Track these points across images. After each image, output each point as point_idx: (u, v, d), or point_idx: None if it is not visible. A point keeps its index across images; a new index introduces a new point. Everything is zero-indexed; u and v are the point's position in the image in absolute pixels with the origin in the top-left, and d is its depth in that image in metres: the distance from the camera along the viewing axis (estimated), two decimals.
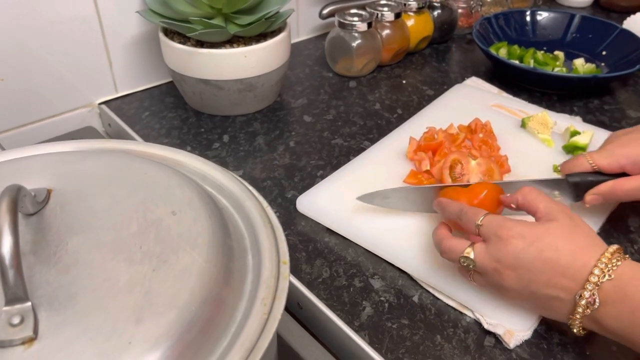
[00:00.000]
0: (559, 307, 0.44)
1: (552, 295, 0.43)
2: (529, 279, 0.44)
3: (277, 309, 0.33)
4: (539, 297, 0.44)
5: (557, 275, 0.43)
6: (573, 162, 0.57)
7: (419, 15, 0.95)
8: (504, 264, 0.44)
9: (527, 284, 0.44)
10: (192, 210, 0.37)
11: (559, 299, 0.43)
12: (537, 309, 0.47)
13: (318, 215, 0.59)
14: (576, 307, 0.42)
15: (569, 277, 0.42)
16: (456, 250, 0.47)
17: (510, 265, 0.44)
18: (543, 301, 0.44)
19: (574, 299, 0.42)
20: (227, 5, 0.71)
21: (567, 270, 0.42)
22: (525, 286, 0.44)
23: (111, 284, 0.31)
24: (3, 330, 0.28)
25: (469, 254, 0.46)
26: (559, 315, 0.44)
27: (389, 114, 0.80)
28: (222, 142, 0.73)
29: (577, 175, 0.55)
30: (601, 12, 1.21)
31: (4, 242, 0.29)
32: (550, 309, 0.45)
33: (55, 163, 0.41)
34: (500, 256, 0.44)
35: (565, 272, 0.42)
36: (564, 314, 0.44)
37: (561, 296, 0.43)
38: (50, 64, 0.73)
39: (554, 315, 0.45)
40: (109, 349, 0.28)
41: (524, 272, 0.44)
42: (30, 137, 0.75)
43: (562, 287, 0.43)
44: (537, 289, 0.44)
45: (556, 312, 0.44)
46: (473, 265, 0.46)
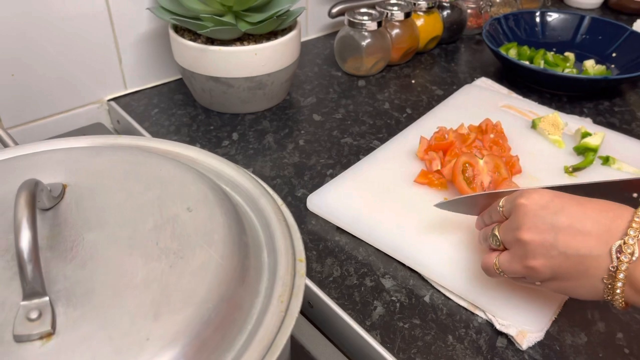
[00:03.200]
0: (593, 267, 0.39)
1: (584, 252, 0.39)
2: (554, 238, 0.40)
3: (294, 307, 0.33)
4: (570, 259, 0.40)
5: (586, 225, 0.39)
6: None
7: (429, 15, 0.95)
8: (525, 226, 0.42)
9: (554, 244, 0.40)
10: (207, 206, 0.37)
11: (592, 255, 0.39)
12: (571, 281, 0.41)
13: (328, 214, 0.59)
14: (613, 262, 0.38)
15: (601, 227, 0.39)
16: (488, 261, 0.46)
17: (531, 226, 0.41)
18: (575, 264, 0.40)
19: (609, 253, 0.38)
20: (238, 2, 0.70)
21: (598, 222, 0.39)
22: (552, 247, 0.40)
23: (128, 280, 0.31)
24: (21, 324, 0.28)
25: (495, 231, 0.45)
26: (595, 280, 0.39)
27: (399, 114, 0.79)
28: (232, 140, 0.73)
29: None
30: (610, 14, 1.21)
31: (23, 236, 0.29)
32: (585, 274, 0.40)
33: (70, 158, 0.41)
34: (519, 221, 0.42)
35: (596, 223, 0.39)
36: (599, 277, 0.39)
37: (595, 251, 0.39)
38: (60, 60, 0.73)
39: (589, 284, 0.40)
40: (126, 345, 0.28)
41: (547, 231, 0.41)
42: (39, 132, 0.75)
43: (595, 239, 0.39)
44: (566, 248, 0.40)
45: (591, 276, 0.39)
46: (498, 241, 0.45)
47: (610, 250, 0.38)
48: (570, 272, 0.40)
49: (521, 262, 0.43)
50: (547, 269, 0.41)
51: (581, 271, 0.40)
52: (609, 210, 0.40)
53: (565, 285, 0.42)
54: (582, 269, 0.40)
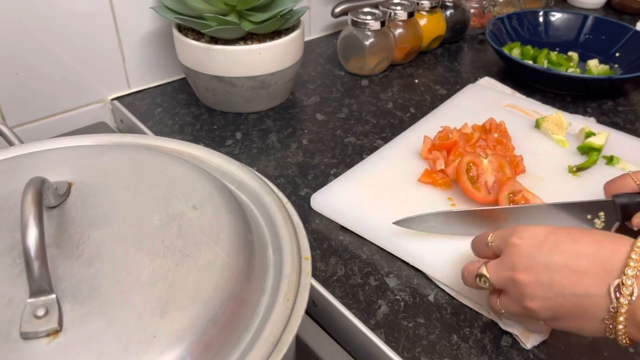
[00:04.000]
0: (592, 307, 0.38)
1: (580, 292, 0.38)
2: (550, 278, 0.39)
3: (300, 305, 0.33)
4: (568, 299, 0.39)
5: (581, 264, 0.39)
6: (619, 183, 0.52)
7: (432, 15, 0.95)
8: (519, 268, 0.41)
9: (550, 285, 0.39)
10: (212, 204, 0.37)
11: (590, 295, 0.38)
12: (572, 321, 0.40)
13: (332, 213, 0.59)
14: (612, 302, 0.37)
15: (597, 265, 0.38)
16: (472, 271, 0.45)
17: (526, 267, 0.40)
18: (573, 304, 0.39)
19: (607, 293, 0.37)
20: (242, 2, 0.70)
21: (594, 259, 0.38)
22: (548, 289, 0.40)
23: (135, 277, 0.31)
24: (28, 322, 0.28)
25: (482, 270, 0.44)
26: (596, 320, 0.38)
27: (402, 113, 0.79)
28: (235, 139, 0.73)
29: (625, 196, 0.51)
30: (613, 14, 1.21)
31: (30, 233, 0.29)
32: (584, 315, 0.39)
33: (75, 156, 0.41)
34: (513, 262, 0.41)
35: (592, 261, 0.38)
36: (599, 317, 0.38)
37: (592, 291, 0.38)
38: (63, 59, 0.73)
39: (590, 324, 0.39)
40: (133, 342, 0.28)
41: (542, 272, 0.40)
42: (43, 131, 0.75)
43: (592, 278, 0.38)
44: (562, 289, 0.39)
45: (591, 317, 0.38)
46: (488, 282, 0.43)
47: (609, 290, 0.37)
48: (569, 312, 0.40)
49: (519, 304, 0.42)
50: (546, 310, 0.40)
51: (580, 312, 0.39)
52: (605, 245, 0.39)
53: (568, 325, 0.41)
54: (581, 309, 0.39)
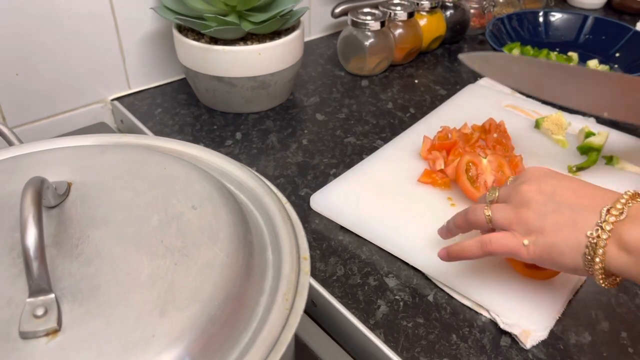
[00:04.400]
0: (581, 221, 0.41)
1: (576, 206, 0.42)
2: (553, 191, 0.43)
3: (299, 305, 0.33)
4: (562, 212, 0.42)
5: (584, 190, 0.43)
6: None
7: (432, 15, 0.95)
8: (529, 181, 0.45)
9: (551, 195, 0.43)
10: (212, 204, 0.37)
11: (583, 210, 0.41)
12: (556, 235, 0.42)
13: (332, 213, 0.59)
14: (601, 217, 0.40)
15: (596, 194, 0.42)
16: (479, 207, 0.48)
17: (534, 181, 0.45)
18: (565, 217, 0.42)
19: (599, 212, 0.40)
20: (242, 2, 0.71)
21: (594, 190, 0.43)
22: (548, 198, 0.43)
23: (134, 277, 0.31)
24: (27, 321, 0.28)
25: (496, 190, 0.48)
26: (580, 235, 0.41)
27: (402, 113, 0.79)
28: (235, 140, 0.73)
29: None
30: (613, 14, 1.20)
31: (29, 233, 0.29)
32: (572, 227, 0.41)
33: (75, 156, 0.41)
34: (524, 179, 0.46)
35: (592, 190, 0.43)
36: (584, 231, 0.41)
37: (586, 208, 0.41)
38: (63, 59, 0.73)
39: (574, 238, 0.41)
40: (132, 342, 0.28)
41: (547, 185, 0.44)
42: (43, 132, 0.75)
43: (589, 199, 0.42)
44: (561, 201, 0.42)
45: (578, 230, 0.41)
46: (493, 194, 0.47)
47: (601, 210, 0.41)
48: (558, 224, 0.42)
49: (514, 209, 0.45)
50: (539, 217, 0.43)
51: (569, 223, 0.42)
52: (606, 189, 0.43)
53: (549, 240, 0.42)
54: (571, 221, 0.42)
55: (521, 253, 0.44)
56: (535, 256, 0.43)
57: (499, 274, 0.51)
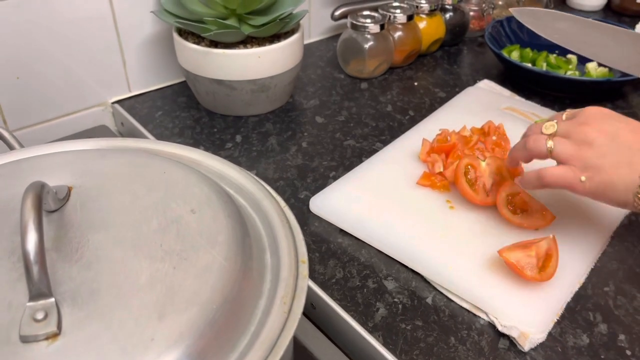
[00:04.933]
0: (636, 162, 0.45)
1: (636, 146, 0.45)
2: (614, 132, 0.47)
3: (297, 308, 0.33)
4: (621, 150, 0.46)
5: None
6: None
7: (431, 18, 0.95)
8: (591, 120, 0.48)
9: (613, 135, 0.46)
10: (211, 208, 0.37)
11: (636, 161, 0.45)
12: (612, 171, 0.46)
13: (331, 216, 0.60)
14: None
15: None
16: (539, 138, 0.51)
17: (596, 121, 0.48)
18: (623, 155, 0.45)
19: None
20: (242, 6, 0.71)
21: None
22: (610, 137, 0.46)
23: (133, 281, 0.32)
24: (27, 325, 0.29)
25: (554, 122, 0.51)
26: (634, 174, 0.45)
27: (401, 116, 0.80)
28: (235, 142, 0.73)
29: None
30: (612, 16, 1.21)
31: (29, 238, 0.29)
32: (628, 165, 0.45)
33: (75, 161, 0.41)
34: (586, 118, 0.49)
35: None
36: (633, 179, 0.45)
37: (639, 158, 0.45)
38: (64, 62, 0.74)
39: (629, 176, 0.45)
40: (132, 345, 0.28)
41: (609, 127, 0.47)
42: (44, 135, 0.75)
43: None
44: (621, 140, 0.46)
45: (633, 170, 0.45)
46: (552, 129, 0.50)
47: None
48: (616, 163, 0.46)
49: (577, 145, 0.48)
50: (599, 155, 0.46)
51: (626, 163, 0.45)
52: None
53: (605, 178, 0.46)
54: (627, 161, 0.45)
55: (577, 187, 0.48)
56: (589, 192, 0.47)
57: (497, 277, 0.51)
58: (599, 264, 0.55)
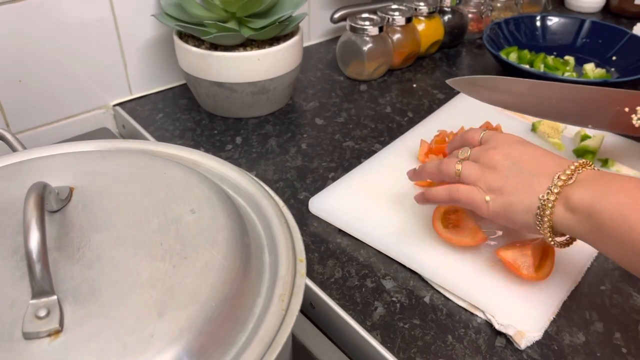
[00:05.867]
0: (536, 185, 0.46)
1: (535, 173, 0.47)
2: (519, 157, 0.48)
3: (295, 305, 0.33)
4: (522, 176, 0.47)
5: (546, 158, 0.48)
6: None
7: (430, 20, 0.96)
8: (499, 145, 0.50)
9: (517, 160, 0.48)
10: (210, 208, 0.38)
11: (540, 176, 0.46)
12: (513, 195, 0.47)
13: (330, 216, 0.60)
14: (553, 181, 0.45)
15: (555, 162, 0.47)
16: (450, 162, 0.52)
17: (503, 146, 0.50)
18: (523, 180, 0.47)
19: (552, 178, 0.45)
20: (241, 9, 0.72)
21: (554, 159, 0.48)
22: (513, 163, 0.48)
23: (134, 279, 0.32)
24: (30, 322, 0.29)
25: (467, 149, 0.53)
26: (533, 196, 0.46)
27: (400, 117, 0.80)
28: (235, 144, 0.74)
29: None
30: (611, 18, 1.21)
31: (32, 237, 0.30)
32: (527, 190, 0.47)
33: (77, 162, 0.42)
34: (495, 143, 0.51)
35: (553, 159, 0.48)
36: (537, 194, 0.46)
37: (542, 175, 0.46)
38: (66, 66, 0.74)
39: (528, 199, 0.46)
40: (132, 342, 0.29)
41: (514, 152, 0.49)
42: (46, 137, 0.76)
43: (548, 167, 0.47)
44: (523, 167, 0.48)
45: (532, 192, 0.46)
46: (465, 153, 0.52)
47: (553, 176, 0.46)
48: (517, 186, 0.47)
49: (482, 169, 0.50)
50: (502, 178, 0.48)
51: (526, 187, 0.47)
52: (566, 159, 0.48)
53: (507, 199, 0.48)
54: (527, 185, 0.47)
55: (482, 207, 0.49)
56: (492, 212, 0.49)
57: (494, 276, 0.52)
58: (595, 263, 0.55)
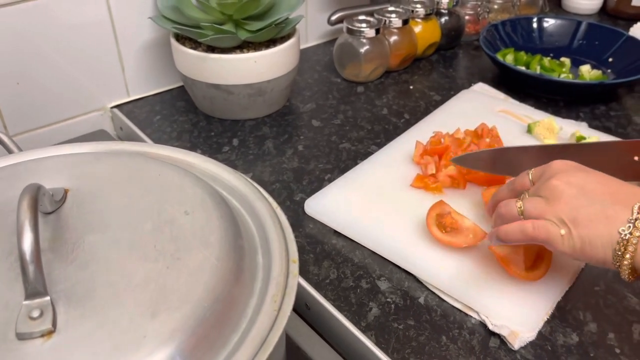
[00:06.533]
0: (613, 216, 0.42)
1: (607, 202, 0.43)
2: (583, 185, 0.44)
3: (287, 306, 0.34)
4: (594, 206, 0.43)
5: (612, 185, 0.44)
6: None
7: (427, 22, 0.96)
8: (559, 175, 0.46)
9: (582, 189, 0.44)
10: (204, 210, 0.38)
11: (616, 206, 0.42)
12: (589, 228, 0.43)
13: (326, 217, 0.60)
14: (633, 215, 0.41)
15: (626, 190, 0.43)
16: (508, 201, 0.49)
17: (564, 175, 0.46)
18: (596, 210, 0.43)
19: (630, 208, 0.42)
20: (238, 11, 0.72)
21: (624, 185, 0.44)
22: (579, 191, 0.44)
23: (127, 280, 0.32)
24: (23, 323, 0.29)
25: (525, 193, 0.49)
26: (612, 229, 0.42)
27: (396, 119, 0.81)
28: (232, 146, 0.74)
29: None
30: (608, 19, 1.22)
31: (25, 238, 0.30)
32: (604, 221, 0.42)
33: (72, 164, 0.42)
34: (554, 172, 0.47)
35: (622, 185, 0.44)
36: (616, 227, 0.42)
37: (617, 205, 0.42)
38: (64, 68, 0.75)
39: (606, 232, 0.42)
40: (125, 342, 0.29)
41: (577, 181, 0.45)
42: (44, 139, 0.76)
43: (620, 194, 0.43)
44: (592, 194, 0.44)
45: (609, 225, 0.42)
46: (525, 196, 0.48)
47: (633, 207, 0.42)
48: (591, 218, 0.43)
49: (547, 201, 0.45)
50: (571, 209, 0.44)
51: (601, 219, 0.42)
52: (634, 186, 0.45)
53: (583, 233, 0.43)
54: (603, 216, 0.42)
55: (557, 242, 0.44)
56: (569, 247, 0.44)
57: (489, 277, 0.52)
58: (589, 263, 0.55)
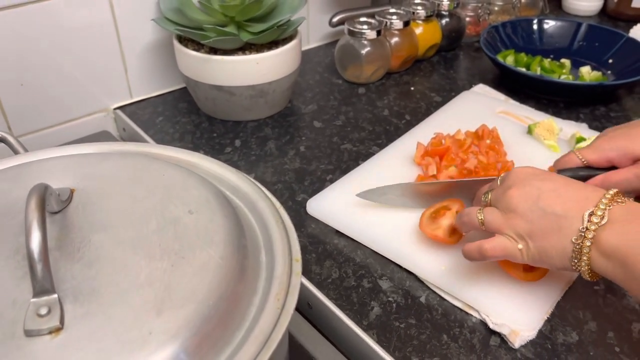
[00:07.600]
0: (566, 227, 0.43)
1: (560, 212, 0.44)
2: (538, 195, 0.45)
3: (290, 304, 0.34)
4: (548, 217, 0.44)
5: (568, 191, 0.45)
6: (564, 159, 0.57)
7: (428, 24, 0.96)
8: (515, 185, 0.47)
9: (536, 200, 0.45)
10: (208, 209, 0.39)
11: (568, 217, 0.43)
12: (544, 240, 0.44)
13: (327, 217, 0.61)
14: (583, 224, 0.42)
15: (580, 195, 0.44)
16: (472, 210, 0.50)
17: (520, 185, 0.47)
18: (551, 222, 0.44)
19: (581, 217, 0.42)
20: (240, 13, 0.73)
21: (577, 191, 0.45)
22: (533, 203, 0.45)
23: (132, 279, 0.33)
24: (31, 320, 0.30)
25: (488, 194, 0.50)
26: (566, 240, 0.43)
27: (398, 120, 0.81)
28: (234, 147, 0.74)
29: (569, 171, 0.55)
30: (608, 21, 1.22)
31: (33, 237, 0.31)
32: (558, 233, 0.43)
33: (77, 164, 0.42)
34: (511, 182, 0.48)
35: (576, 192, 0.45)
36: (569, 237, 0.43)
37: (570, 213, 0.43)
38: (67, 70, 0.75)
39: (560, 244, 0.43)
40: (131, 339, 0.30)
41: (533, 190, 0.46)
42: (48, 140, 0.77)
43: (573, 203, 0.44)
44: (546, 206, 0.44)
45: (563, 236, 0.43)
46: (486, 198, 0.50)
47: (583, 215, 0.43)
48: (545, 230, 0.44)
49: (503, 214, 0.47)
50: (526, 223, 0.45)
51: (555, 230, 0.44)
52: (589, 187, 0.46)
53: (538, 245, 0.45)
54: (556, 227, 0.44)
55: (516, 256, 0.47)
56: (529, 259, 0.46)
57: (490, 276, 0.52)
58: None
